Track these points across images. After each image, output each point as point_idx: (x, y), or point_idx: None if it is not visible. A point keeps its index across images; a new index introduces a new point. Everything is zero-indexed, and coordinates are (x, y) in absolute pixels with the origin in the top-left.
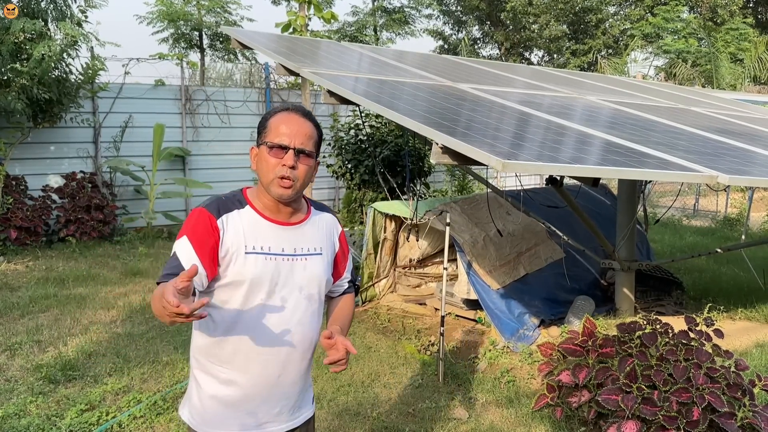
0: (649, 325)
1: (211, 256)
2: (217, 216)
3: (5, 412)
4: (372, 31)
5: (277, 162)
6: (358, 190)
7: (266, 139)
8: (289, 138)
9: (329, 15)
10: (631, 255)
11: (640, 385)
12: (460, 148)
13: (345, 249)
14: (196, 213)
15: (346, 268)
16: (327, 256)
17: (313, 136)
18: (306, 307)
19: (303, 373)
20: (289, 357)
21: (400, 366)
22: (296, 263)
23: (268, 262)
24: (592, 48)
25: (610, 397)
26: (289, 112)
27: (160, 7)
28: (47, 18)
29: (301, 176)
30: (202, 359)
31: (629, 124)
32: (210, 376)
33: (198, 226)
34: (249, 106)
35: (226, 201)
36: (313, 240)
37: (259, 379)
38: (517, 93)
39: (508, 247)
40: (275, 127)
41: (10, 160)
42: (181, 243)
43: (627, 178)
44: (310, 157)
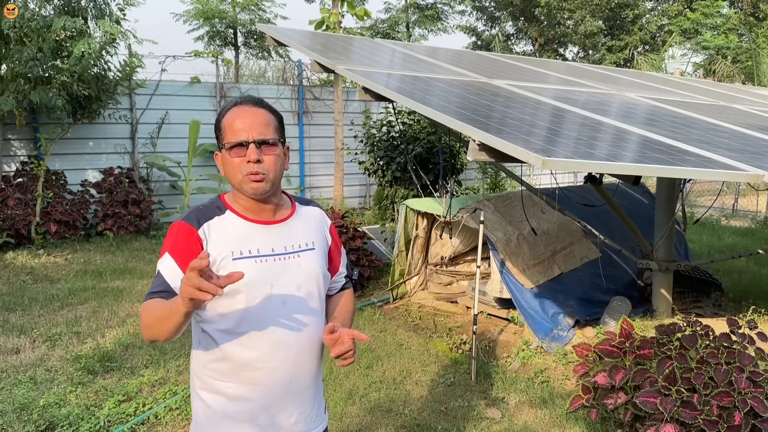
0: (689, 327)
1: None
2: (197, 226)
3: (46, 401)
4: (404, 27)
5: (241, 161)
6: (389, 187)
7: (224, 141)
8: (246, 132)
9: (362, 12)
10: (670, 255)
11: (679, 387)
12: (498, 145)
13: (338, 242)
14: (175, 227)
15: (342, 262)
16: (320, 251)
17: (271, 123)
18: (308, 306)
19: (314, 376)
20: (299, 360)
21: (432, 364)
22: (289, 262)
23: (259, 265)
24: (628, 44)
25: (648, 400)
26: (238, 106)
27: (196, 5)
28: (87, 16)
29: (271, 167)
30: (207, 378)
31: (668, 121)
32: (217, 395)
33: (179, 240)
34: (282, 103)
35: (204, 209)
36: (303, 235)
37: (271, 388)
38: (552, 89)
39: (542, 246)
40: (229, 125)
41: (50, 156)
42: (164, 261)
43: (669, 176)
44: (274, 145)
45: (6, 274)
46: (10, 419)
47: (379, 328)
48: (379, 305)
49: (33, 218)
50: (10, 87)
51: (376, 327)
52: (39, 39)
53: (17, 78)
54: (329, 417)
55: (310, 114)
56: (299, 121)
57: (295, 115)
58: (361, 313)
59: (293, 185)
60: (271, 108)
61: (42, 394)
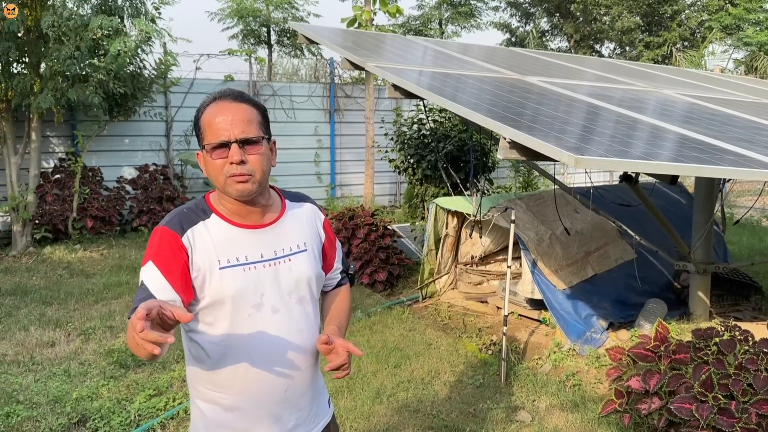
0: (727, 332)
1: (182, 279)
2: (182, 233)
3: (79, 394)
4: (437, 24)
5: (223, 162)
6: (420, 185)
7: (204, 142)
8: (227, 131)
9: (395, 9)
10: (708, 257)
11: (716, 394)
12: (529, 143)
13: (332, 237)
14: (158, 233)
15: (336, 257)
16: (313, 251)
17: (254, 118)
18: (300, 311)
19: (311, 381)
20: (293, 369)
21: (461, 364)
22: (280, 267)
23: (247, 273)
24: (666, 40)
25: (683, 406)
26: (217, 101)
27: (231, 4)
28: (123, 15)
29: (256, 167)
30: (201, 387)
31: (707, 118)
32: (213, 404)
33: (162, 248)
34: (314, 101)
35: (188, 213)
36: (295, 236)
37: (265, 398)
38: (586, 86)
39: (575, 246)
40: (208, 123)
41: (87, 152)
42: (147, 270)
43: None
44: (258, 143)
45: (44, 269)
46: (44, 411)
47: (407, 327)
48: (408, 304)
49: (70, 214)
50: (49, 85)
51: (404, 326)
52: (76, 38)
53: (55, 76)
54: (358, 416)
55: (341, 112)
56: (331, 119)
57: (326, 113)
58: (390, 312)
59: (324, 183)
60: (253, 101)
61: (75, 387)
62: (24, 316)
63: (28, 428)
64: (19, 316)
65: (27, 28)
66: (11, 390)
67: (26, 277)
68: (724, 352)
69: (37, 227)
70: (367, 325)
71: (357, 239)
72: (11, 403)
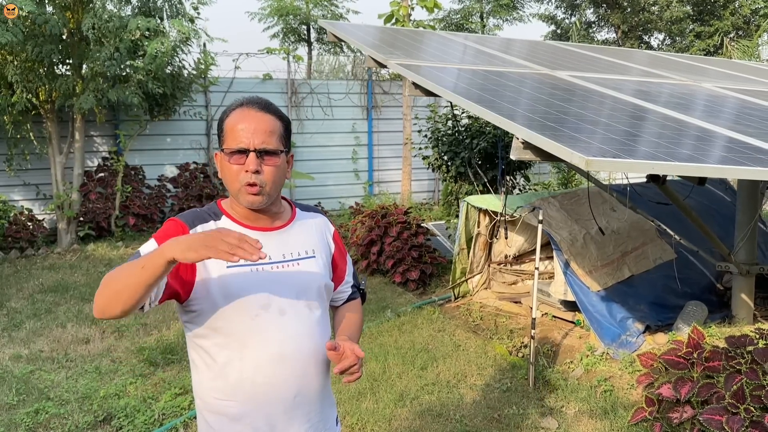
0: (762, 340)
1: (175, 269)
2: (191, 227)
3: (107, 392)
4: (478, 18)
5: (239, 169)
6: (454, 182)
7: (224, 145)
8: (248, 139)
9: (432, 4)
10: (752, 257)
11: (748, 406)
12: (541, 144)
13: (342, 249)
14: (170, 222)
15: (347, 270)
16: (322, 258)
17: (276, 130)
18: (308, 316)
19: (321, 388)
20: (303, 373)
21: (489, 367)
22: (287, 270)
23: (255, 274)
24: (718, 30)
25: (713, 418)
26: (243, 107)
27: (272, 3)
28: (162, 16)
29: (269, 179)
30: (207, 397)
31: (746, 114)
32: (219, 415)
33: (169, 233)
34: (351, 98)
35: (201, 213)
36: (303, 242)
37: (274, 405)
38: (619, 80)
39: (611, 246)
40: (231, 128)
41: (129, 151)
42: (147, 245)
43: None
44: (275, 155)
45: (86, 265)
46: (72, 408)
47: (437, 327)
48: (440, 304)
49: (113, 211)
50: (90, 86)
51: (434, 326)
52: (116, 39)
53: (96, 77)
54: (379, 418)
55: (379, 109)
56: (368, 116)
57: (364, 110)
58: (421, 312)
59: (362, 180)
60: (279, 113)
61: (104, 384)
62: (63, 312)
63: (55, 425)
64: (58, 313)
65: (69, 30)
66: (43, 386)
67: (69, 273)
68: (758, 361)
69: (81, 225)
70: (396, 325)
71: (389, 237)
72: (41, 399)
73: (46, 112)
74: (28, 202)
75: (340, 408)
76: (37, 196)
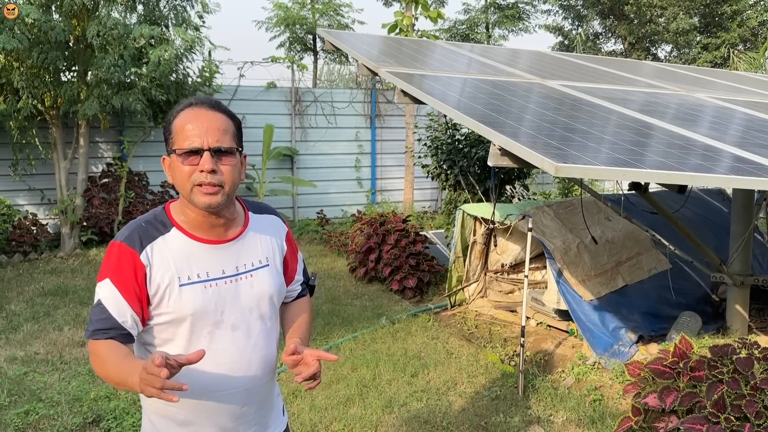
0: (744, 349)
1: (139, 298)
2: (140, 250)
3: (97, 394)
4: (484, 28)
5: (192, 169)
6: (453, 191)
7: (174, 146)
8: (200, 138)
9: (435, 14)
10: (747, 268)
11: (728, 415)
12: (515, 150)
13: (294, 248)
14: (115, 249)
15: (298, 269)
16: (276, 266)
17: (229, 129)
18: (260, 328)
19: (267, 396)
20: (251, 385)
21: (480, 375)
22: (241, 283)
23: (208, 290)
24: (725, 41)
25: (693, 427)
26: (192, 107)
27: (278, 12)
28: (168, 24)
29: (227, 178)
30: (155, 401)
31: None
32: (166, 419)
33: (121, 267)
34: (354, 106)
35: (146, 227)
36: (257, 251)
37: (221, 415)
38: (625, 93)
39: (605, 256)
40: (180, 128)
41: (133, 157)
42: (104, 288)
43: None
44: (231, 154)
45: (87, 270)
46: (63, 410)
47: (431, 335)
48: (435, 312)
49: (116, 217)
50: (95, 92)
51: (428, 334)
52: (120, 46)
53: (100, 84)
54: (366, 425)
55: (382, 117)
56: (371, 124)
57: (367, 118)
58: (416, 319)
59: (365, 188)
60: (229, 111)
61: (95, 386)
62: (61, 316)
63: (44, 426)
64: (56, 316)
65: (75, 37)
66: (35, 388)
67: (70, 277)
68: (740, 370)
69: (84, 229)
70: (390, 332)
71: (387, 245)
72: (33, 400)
73: (51, 118)
74: (33, 206)
75: (327, 413)
76: (41, 201)
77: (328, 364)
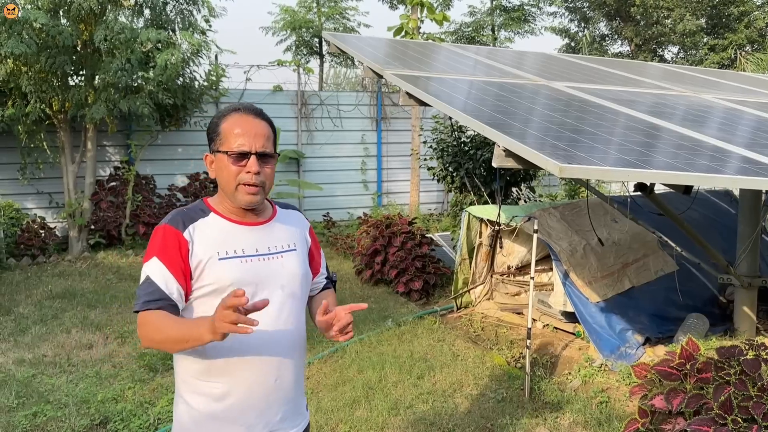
0: (751, 351)
1: (183, 272)
2: (183, 229)
3: (104, 396)
4: (490, 31)
5: (239, 170)
6: (459, 193)
7: (222, 147)
8: (249, 143)
9: (441, 17)
10: (754, 270)
11: (735, 417)
12: (520, 151)
13: (317, 243)
14: (160, 231)
15: (322, 262)
16: (301, 252)
17: (270, 135)
18: (291, 305)
19: (298, 375)
20: (283, 359)
21: (486, 377)
22: (273, 262)
23: (244, 264)
24: (732, 43)
25: (700, 428)
26: (240, 113)
27: (285, 16)
28: (174, 28)
29: (267, 180)
30: (192, 379)
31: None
32: (202, 396)
33: (166, 244)
34: (360, 109)
35: (188, 212)
36: (285, 237)
37: (257, 386)
38: (632, 94)
39: (612, 258)
40: (229, 132)
41: (140, 161)
42: (152, 264)
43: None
44: (272, 158)
45: (95, 273)
46: (70, 412)
47: (437, 337)
48: (442, 314)
49: (123, 220)
50: (102, 96)
51: (434, 336)
52: (127, 51)
53: (108, 88)
54: (372, 426)
55: (388, 120)
56: (377, 127)
57: (373, 121)
58: (422, 322)
59: (371, 191)
60: (270, 120)
61: (103, 389)
62: (69, 318)
63: (52, 428)
64: (63, 319)
65: (83, 42)
66: (43, 390)
67: (77, 280)
68: (747, 372)
69: (92, 233)
70: (396, 334)
71: (393, 247)
72: (41, 402)
73: (59, 122)
74: (41, 210)
75: (333, 415)
76: (49, 205)
77: (333, 366)
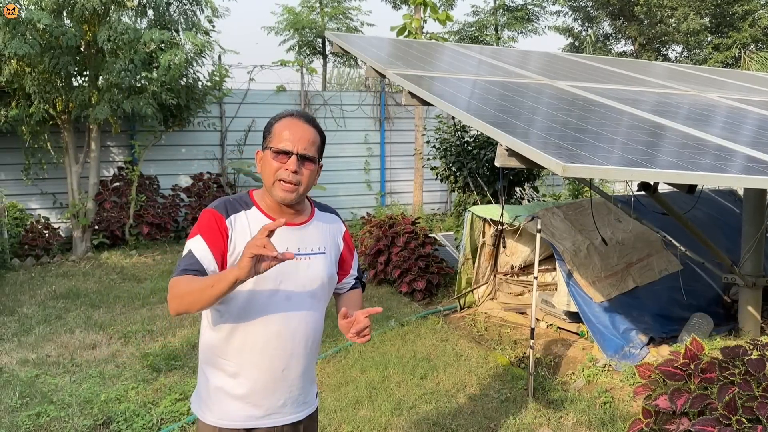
0: (756, 350)
1: (221, 253)
2: (226, 216)
3: (107, 396)
4: (493, 30)
5: (279, 166)
6: (462, 193)
7: (270, 144)
8: (293, 144)
9: (444, 16)
10: (758, 269)
11: (740, 417)
12: (523, 150)
13: (351, 247)
14: (208, 214)
15: (353, 265)
16: (330, 256)
17: (316, 142)
18: (310, 304)
19: (306, 368)
20: (294, 352)
21: (489, 377)
22: (300, 263)
23: None
24: (736, 41)
25: (705, 429)
26: (293, 117)
27: (287, 16)
28: (178, 28)
29: (304, 180)
30: (210, 354)
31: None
32: (218, 370)
33: (211, 226)
34: (364, 109)
35: (233, 202)
36: (317, 240)
37: (265, 372)
38: (636, 93)
39: (615, 257)
40: (279, 132)
41: (144, 161)
42: (195, 241)
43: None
44: (312, 162)
45: (98, 273)
46: (73, 412)
47: (440, 337)
48: (445, 314)
49: (127, 220)
50: (106, 97)
51: (437, 336)
52: (130, 51)
53: (111, 88)
54: (374, 426)
55: (391, 120)
56: (381, 127)
57: (376, 121)
58: (425, 321)
59: (374, 191)
60: (319, 127)
61: (106, 389)
62: (72, 318)
63: (55, 428)
64: (67, 319)
65: (86, 42)
66: (47, 390)
67: (81, 280)
68: (752, 372)
69: (95, 233)
70: (399, 334)
71: (396, 247)
72: (44, 402)
73: (63, 122)
74: (45, 210)
75: (336, 415)
76: (53, 205)
77: (337, 366)
